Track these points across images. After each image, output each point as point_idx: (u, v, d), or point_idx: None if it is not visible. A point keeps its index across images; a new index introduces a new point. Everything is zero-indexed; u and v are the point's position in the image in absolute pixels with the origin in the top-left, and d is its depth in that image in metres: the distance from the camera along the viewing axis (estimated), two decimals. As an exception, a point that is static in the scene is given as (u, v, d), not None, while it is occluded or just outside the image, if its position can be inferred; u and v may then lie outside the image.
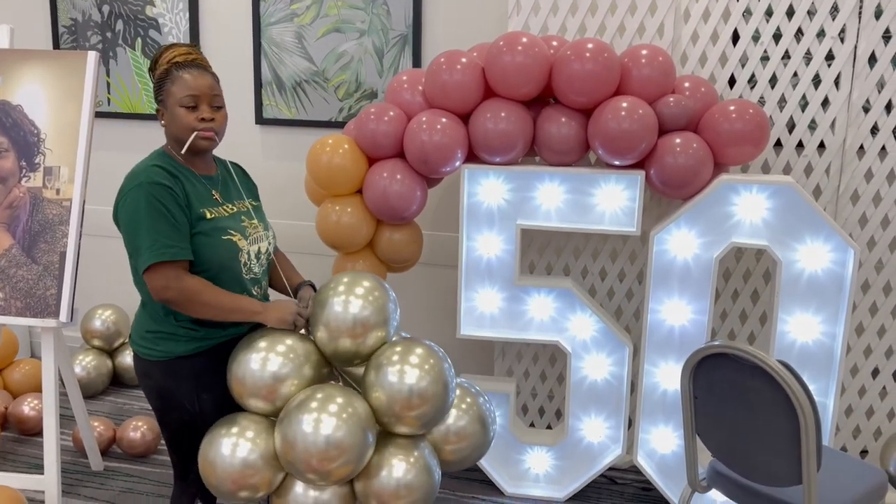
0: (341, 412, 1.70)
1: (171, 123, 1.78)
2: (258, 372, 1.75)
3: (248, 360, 1.76)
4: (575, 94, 2.34)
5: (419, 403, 1.76)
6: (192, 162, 1.82)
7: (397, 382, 1.76)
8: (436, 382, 1.78)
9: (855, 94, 2.51)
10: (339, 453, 1.67)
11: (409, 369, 1.77)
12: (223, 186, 1.87)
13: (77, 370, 3.30)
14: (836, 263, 2.29)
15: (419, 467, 1.79)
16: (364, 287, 1.84)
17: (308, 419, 1.68)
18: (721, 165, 2.45)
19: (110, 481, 2.73)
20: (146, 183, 1.70)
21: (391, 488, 1.76)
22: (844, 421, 2.74)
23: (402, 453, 1.79)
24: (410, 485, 1.76)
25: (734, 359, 1.79)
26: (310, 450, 1.67)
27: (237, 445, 1.74)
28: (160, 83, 1.78)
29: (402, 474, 1.76)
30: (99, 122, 3.43)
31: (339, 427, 1.68)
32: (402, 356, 1.79)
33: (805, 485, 1.75)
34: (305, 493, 1.77)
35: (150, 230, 1.68)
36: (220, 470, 1.74)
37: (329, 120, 3.16)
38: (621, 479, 2.78)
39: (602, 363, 2.56)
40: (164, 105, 1.78)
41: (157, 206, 1.69)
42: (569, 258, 2.85)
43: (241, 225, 1.83)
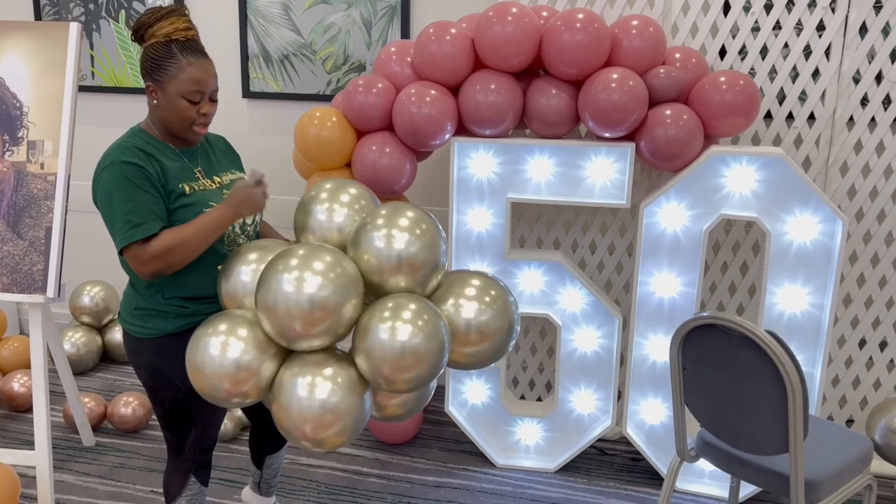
0: (329, 272, 1.55)
1: (167, 110, 1.72)
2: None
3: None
4: (565, 65, 2.32)
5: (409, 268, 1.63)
6: (171, 139, 1.79)
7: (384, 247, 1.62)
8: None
9: (845, 65, 2.50)
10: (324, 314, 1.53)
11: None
12: (204, 160, 1.84)
13: (67, 347, 3.29)
14: (824, 235, 2.29)
15: (426, 332, 1.58)
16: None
17: (289, 278, 1.53)
18: (711, 137, 2.45)
19: (102, 456, 2.74)
20: (117, 162, 1.68)
21: (395, 352, 1.56)
22: (831, 391, 2.77)
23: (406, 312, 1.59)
24: (417, 350, 1.56)
25: (723, 329, 1.80)
26: (292, 310, 1.53)
27: (227, 345, 1.58)
28: (158, 60, 1.69)
29: (407, 337, 1.55)
30: (83, 96, 3.38)
31: (325, 286, 1.53)
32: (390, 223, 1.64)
33: (792, 453, 1.77)
34: (310, 395, 1.57)
35: (120, 211, 1.66)
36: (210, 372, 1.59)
37: (317, 93, 3.13)
38: (611, 450, 2.81)
39: (592, 336, 2.57)
40: (160, 86, 1.70)
41: (126, 185, 1.66)
42: (559, 231, 2.85)
43: (222, 198, 1.81)
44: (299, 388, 1.57)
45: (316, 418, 1.57)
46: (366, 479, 2.62)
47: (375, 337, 1.57)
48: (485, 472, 2.67)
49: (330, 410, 1.56)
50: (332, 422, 1.57)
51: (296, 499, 2.49)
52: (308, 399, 1.57)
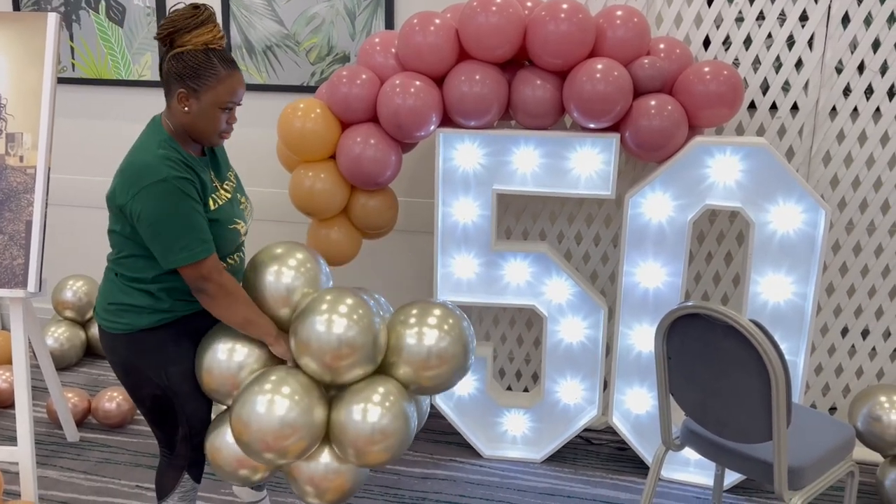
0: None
1: (199, 118, 1.70)
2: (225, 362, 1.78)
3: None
4: (550, 55, 2.32)
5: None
6: (188, 144, 1.77)
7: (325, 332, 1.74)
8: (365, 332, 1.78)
9: (828, 55, 2.52)
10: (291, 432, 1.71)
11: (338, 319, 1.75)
12: (214, 164, 1.84)
13: (50, 342, 3.25)
14: (807, 224, 2.31)
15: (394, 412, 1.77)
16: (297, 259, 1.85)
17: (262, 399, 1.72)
18: (695, 128, 2.45)
19: (87, 452, 2.72)
20: (171, 178, 1.64)
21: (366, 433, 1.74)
22: (814, 379, 2.80)
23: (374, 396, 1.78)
24: (385, 429, 1.75)
25: (707, 319, 1.80)
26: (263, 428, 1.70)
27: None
28: (198, 69, 1.66)
29: (376, 419, 1.74)
30: (64, 89, 3.33)
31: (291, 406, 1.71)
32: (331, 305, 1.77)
33: (775, 441, 1.78)
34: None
35: (183, 230, 1.66)
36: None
37: (301, 84, 3.11)
38: (597, 440, 2.83)
39: (578, 326, 2.58)
40: (196, 95, 1.68)
41: (186, 203, 1.66)
42: (545, 223, 2.85)
43: (239, 209, 1.84)
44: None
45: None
46: (353, 471, 2.61)
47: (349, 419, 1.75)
48: (472, 464, 2.68)
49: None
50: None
51: (284, 492, 2.49)
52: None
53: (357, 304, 1.77)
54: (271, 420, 1.68)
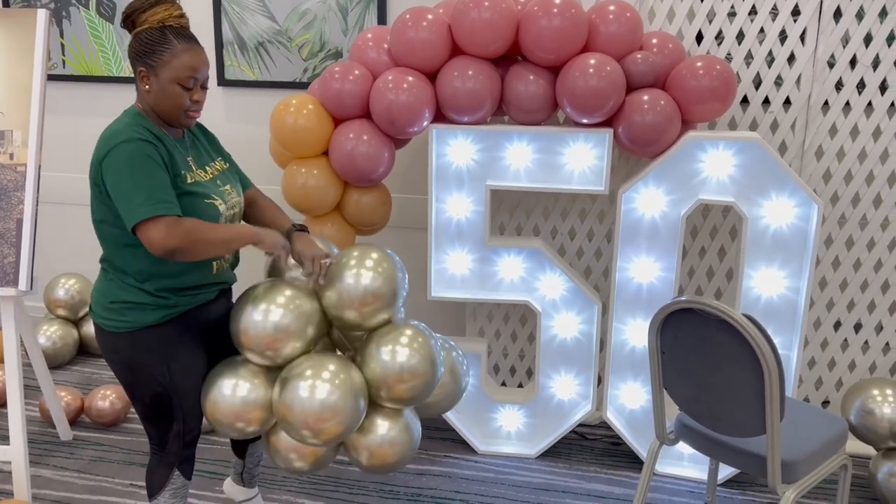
0: (334, 378, 1.76)
1: (159, 96, 1.70)
2: (261, 324, 1.78)
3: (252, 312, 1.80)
4: (542, 51, 2.32)
5: (410, 378, 1.84)
6: (165, 126, 1.77)
7: (390, 361, 1.83)
8: (425, 360, 1.86)
9: (820, 50, 2.52)
10: (332, 415, 1.74)
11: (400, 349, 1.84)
12: (194, 150, 1.83)
13: (42, 340, 3.24)
14: (800, 219, 2.31)
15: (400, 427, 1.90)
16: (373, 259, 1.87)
17: (304, 385, 1.75)
18: (688, 122, 2.45)
19: (80, 451, 2.71)
20: (133, 139, 1.65)
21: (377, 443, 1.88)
22: (807, 373, 2.81)
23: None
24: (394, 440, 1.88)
25: (700, 314, 1.81)
26: (306, 411, 1.74)
27: (237, 386, 1.82)
28: (152, 45, 1.68)
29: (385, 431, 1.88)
30: (54, 86, 3.31)
31: (333, 392, 1.74)
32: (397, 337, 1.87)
33: (769, 434, 1.79)
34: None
35: (142, 185, 1.63)
36: (223, 406, 1.83)
37: (293, 80, 3.09)
38: (591, 435, 2.83)
39: (572, 322, 2.58)
40: (153, 72, 1.69)
41: (145, 162, 1.65)
42: (538, 218, 2.85)
43: (220, 189, 1.81)
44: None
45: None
46: (348, 468, 2.61)
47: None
48: (466, 459, 2.68)
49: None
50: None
51: (277, 489, 2.49)
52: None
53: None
54: (312, 404, 1.74)
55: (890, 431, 2.37)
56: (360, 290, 1.82)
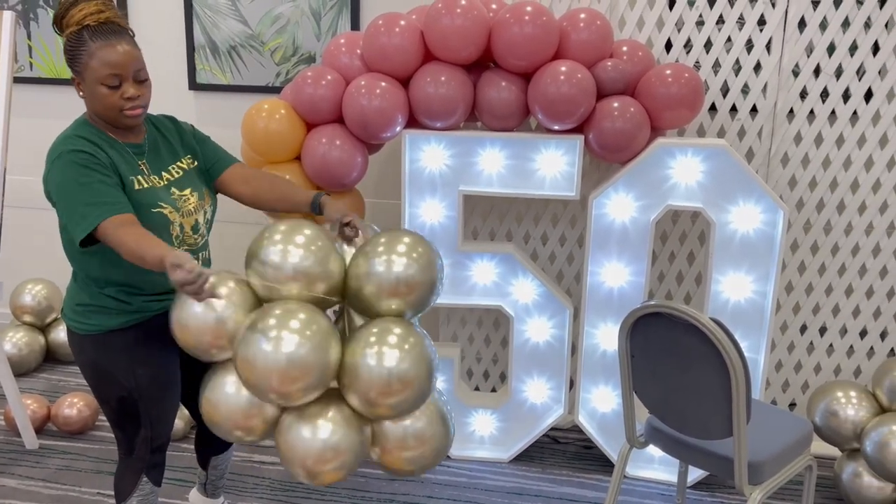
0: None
1: (92, 100, 1.66)
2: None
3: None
4: (514, 57, 2.33)
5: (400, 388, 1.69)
6: (116, 131, 1.72)
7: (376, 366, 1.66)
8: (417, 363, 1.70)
9: (785, 59, 2.57)
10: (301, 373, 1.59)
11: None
12: (152, 154, 1.78)
13: (8, 347, 3.18)
14: (766, 224, 2.36)
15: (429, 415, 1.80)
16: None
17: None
18: (657, 129, 2.49)
19: (46, 459, 2.66)
20: (66, 152, 1.62)
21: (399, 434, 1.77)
22: (774, 375, 2.85)
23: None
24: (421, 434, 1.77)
25: (669, 318, 1.83)
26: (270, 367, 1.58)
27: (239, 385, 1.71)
28: (73, 51, 1.62)
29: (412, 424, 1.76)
30: (22, 88, 3.26)
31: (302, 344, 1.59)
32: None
33: (735, 437, 1.82)
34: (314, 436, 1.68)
35: (82, 196, 1.58)
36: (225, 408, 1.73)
37: (266, 85, 3.08)
38: (563, 439, 2.85)
39: (544, 326, 2.60)
40: (80, 77, 1.64)
41: (82, 172, 1.60)
42: (511, 223, 2.87)
43: (171, 198, 1.76)
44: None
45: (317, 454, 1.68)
46: (320, 474, 2.60)
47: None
48: (440, 464, 2.68)
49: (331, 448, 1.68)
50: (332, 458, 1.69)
51: (248, 497, 2.46)
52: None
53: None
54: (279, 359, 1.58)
55: (854, 433, 2.42)
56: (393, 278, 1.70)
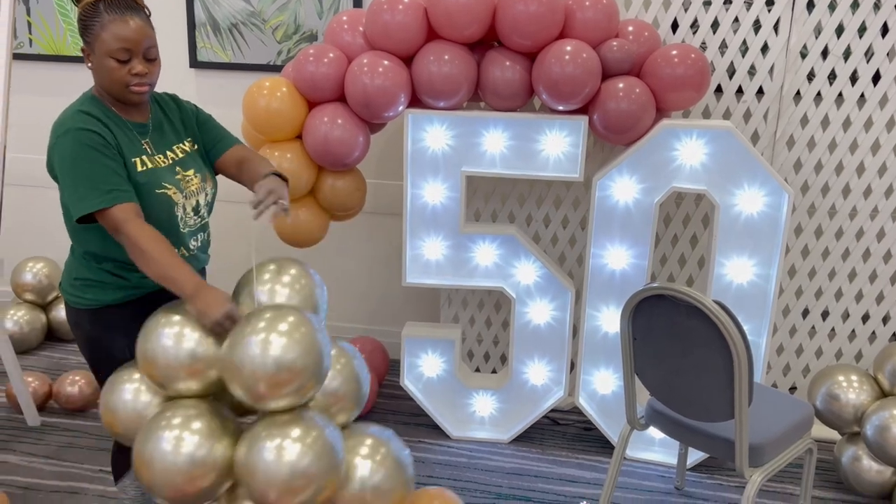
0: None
1: (99, 73, 1.65)
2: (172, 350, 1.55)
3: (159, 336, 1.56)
4: (519, 36, 2.31)
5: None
6: (123, 108, 1.72)
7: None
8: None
9: (793, 40, 2.54)
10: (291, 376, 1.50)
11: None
12: (156, 133, 1.77)
13: (9, 325, 3.18)
14: (771, 207, 2.34)
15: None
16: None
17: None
18: (662, 111, 2.46)
19: (48, 436, 2.67)
20: (73, 129, 1.61)
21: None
22: (776, 359, 2.85)
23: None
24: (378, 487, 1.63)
25: (672, 300, 1.82)
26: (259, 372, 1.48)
27: (181, 440, 1.50)
28: (86, 21, 1.63)
29: (368, 474, 1.63)
30: (21, 65, 3.23)
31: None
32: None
33: (737, 419, 1.81)
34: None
35: (86, 177, 1.59)
36: (161, 469, 1.50)
37: (267, 63, 3.05)
38: (563, 420, 2.85)
39: (545, 308, 2.59)
40: (91, 48, 1.64)
41: (88, 153, 1.60)
42: (513, 205, 2.85)
43: (175, 178, 1.75)
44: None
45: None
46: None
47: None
48: (440, 444, 2.69)
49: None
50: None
51: (249, 475, 2.47)
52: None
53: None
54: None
55: (854, 416, 2.42)
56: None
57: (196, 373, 1.58)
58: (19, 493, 2.35)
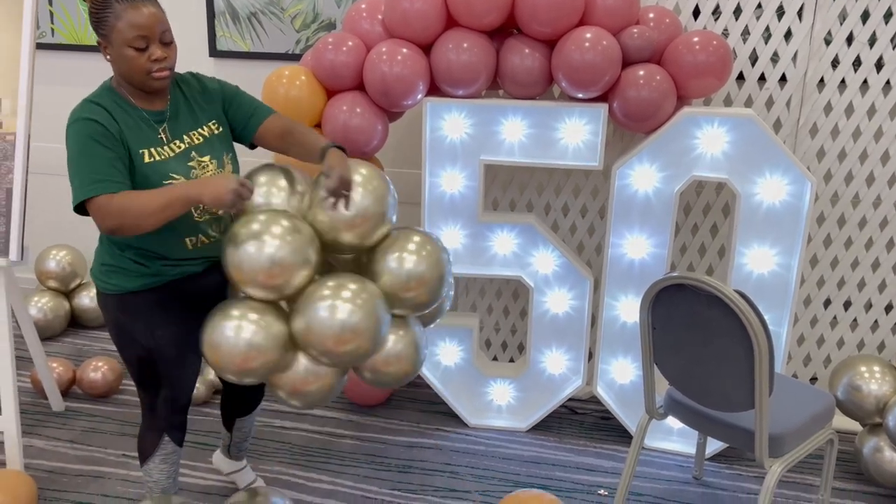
0: (355, 298, 1.74)
1: (119, 63, 1.67)
2: (255, 255, 1.70)
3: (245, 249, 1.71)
4: (538, 23, 2.29)
5: (417, 286, 1.84)
6: (142, 97, 1.73)
7: (397, 268, 1.83)
8: (432, 267, 1.86)
9: (817, 27, 2.50)
10: (353, 336, 1.72)
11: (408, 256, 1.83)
12: (174, 120, 1.78)
13: (33, 312, 3.23)
14: (793, 196, 2.32)
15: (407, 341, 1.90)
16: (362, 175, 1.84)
17: (323, 305, 1.72)
18: (683, 98, 2.44)
19: (72, 421, 2.71)
20: (80, 119, 1.65)
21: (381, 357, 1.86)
22: (796, 349, 2.83)
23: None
24: (400, 354, 1.87)
25: (692, 289, 1.81)
26: (326, 332, 1.71)
27: (241, 328, 1.71)
28: (99, 13, 1.64)
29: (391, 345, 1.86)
30: (43, 55, 3.27)
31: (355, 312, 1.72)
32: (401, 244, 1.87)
33: (757, 409, 1.81)
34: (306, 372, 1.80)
35: (81, 167, 1.62)
36: (225, 352, 1.73)
37: (286, 52, 3.06)
38: (581, 410, 2.85)
39: (563, 297, 2.59)
40: (107, 40, 1.65)
41: (87, 142, 1.63)
42: (532, 194, 2.84)
43: (187, 165, 1.75)
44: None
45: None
46: (339, 440, 2.63)
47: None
48: (457, 432, 2.70)
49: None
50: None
51: (269, 461, 2.50)
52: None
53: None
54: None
55: (876, 407, 2.39)
56: (350, 215, 1.80)
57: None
58: (45, 477, 2.40)
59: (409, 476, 2.45)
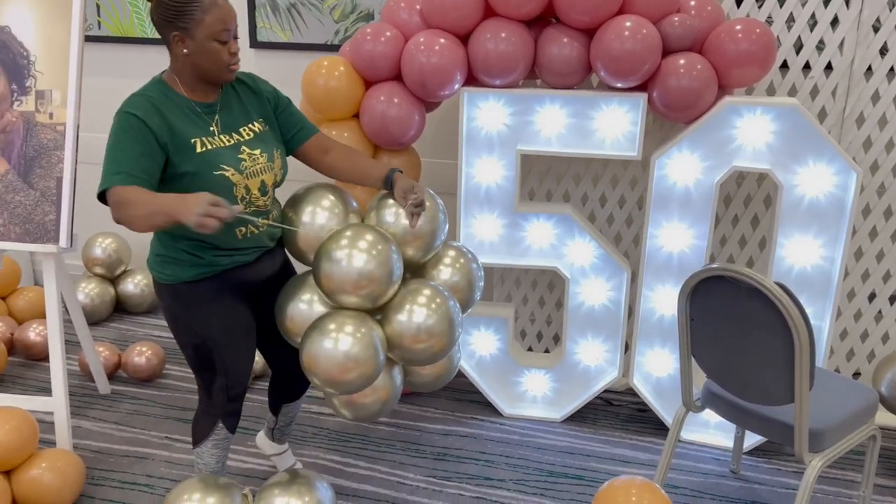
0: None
1: (200, 56, 1.70)
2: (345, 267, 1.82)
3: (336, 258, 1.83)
4: (577, 12, 2.28)
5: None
6: (196, 90, 1.77)
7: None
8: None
9: (865, 13, 2.44)
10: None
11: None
12: (224, 112, 1.81)
13: (80, 297, 3.33)
14: (838, 187, 2.27)
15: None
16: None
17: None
18: (725, 87, 2.40)
19: (118, 404, 2.80)
20: (122, 112, 1.69)
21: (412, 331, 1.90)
22: (839, 344, 2.78)
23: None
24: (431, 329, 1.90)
25: (731, 281, 1.79)
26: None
27: (338, 340, 1.81)
28: (181, 7, 1.66)
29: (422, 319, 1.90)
30: (90, 47, 3.35)
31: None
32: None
33: (797, 403, 1.78)
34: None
35: (108, 157, 1.66)
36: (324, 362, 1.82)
37: (325, 42, 3.09)
38: (617, 401, 2.84)
39: (600, 288, 2.57)
40: (188, 33, 1.68)
41: (121, 135, 1.66)
42: (569, 184, 2.83)
43: (237, 157, 1.78)
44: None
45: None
46: (376, 427, 2.66)
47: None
48: (492, 421, 2.71)
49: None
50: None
51: (307, 446, 2.55)
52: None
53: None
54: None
55: (922, 404, 2.34)
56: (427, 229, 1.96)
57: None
58: (92, 457, 2.48)
59: (445, 463, 2.47)
